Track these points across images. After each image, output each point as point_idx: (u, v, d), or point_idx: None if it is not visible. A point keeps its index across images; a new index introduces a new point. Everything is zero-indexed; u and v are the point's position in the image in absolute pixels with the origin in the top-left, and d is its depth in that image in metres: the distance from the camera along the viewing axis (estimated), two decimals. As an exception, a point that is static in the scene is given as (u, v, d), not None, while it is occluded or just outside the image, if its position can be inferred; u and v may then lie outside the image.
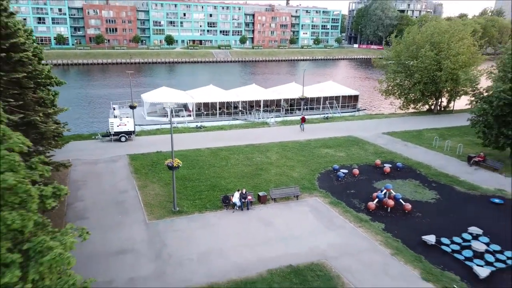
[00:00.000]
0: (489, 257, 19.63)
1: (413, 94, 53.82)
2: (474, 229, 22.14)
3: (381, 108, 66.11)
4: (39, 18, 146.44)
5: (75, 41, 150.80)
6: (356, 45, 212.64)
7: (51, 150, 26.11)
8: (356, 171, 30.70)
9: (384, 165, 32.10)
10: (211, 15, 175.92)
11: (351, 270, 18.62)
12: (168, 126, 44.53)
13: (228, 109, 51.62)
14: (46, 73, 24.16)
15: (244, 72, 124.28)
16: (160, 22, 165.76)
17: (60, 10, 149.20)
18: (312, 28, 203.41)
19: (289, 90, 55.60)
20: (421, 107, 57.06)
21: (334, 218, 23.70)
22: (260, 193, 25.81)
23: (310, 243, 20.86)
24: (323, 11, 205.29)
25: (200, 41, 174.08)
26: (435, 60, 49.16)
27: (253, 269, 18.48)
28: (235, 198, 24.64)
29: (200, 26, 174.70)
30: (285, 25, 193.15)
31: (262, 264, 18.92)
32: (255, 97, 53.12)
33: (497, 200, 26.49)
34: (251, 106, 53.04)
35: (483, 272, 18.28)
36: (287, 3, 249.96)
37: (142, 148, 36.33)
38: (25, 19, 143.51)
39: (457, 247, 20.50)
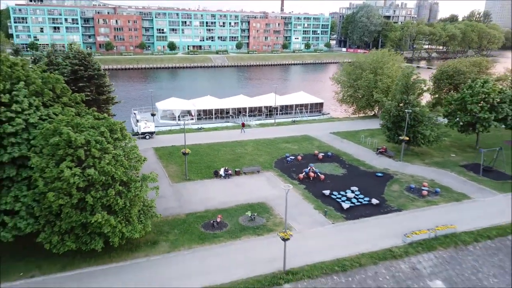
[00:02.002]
0: (354, 200, 37.15)
1: (361, 103, 71.18)
2: (354, 188, 39.63)
3: (344, 112, 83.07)
4: (55, 28, 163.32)
5: (87, 47, 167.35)
6: (344, 49, 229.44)
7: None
8: (299, 157, 48.14)
9: (319, 154, 49.47)
10: (209, 23, 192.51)
11: (278, 205, 35.97)
12: (176, 127, 62.29)
13: (222, 114, 68.93)
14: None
15: (243, 77, 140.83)
16: (163, 30, 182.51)
17: (73, 19, 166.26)
18: (303, 33, 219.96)
19: (269, 99, 72.88)
20: (368, 112, 74.54)
21: (278, 183, 41.16)
22: (237, 169, 43.24)
23: (260, 194, 38.33)
24: (314, 17, 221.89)
25: (200, 46, 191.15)
26: (373, 80, 66.55)
27: (228, 204, 35.96)
28: (221, 172, 42.09)
29: (200, 32, 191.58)
30: (278, 31, 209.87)
31: (233, 202, 36.38)
32: (242, 104, 70.58)
33: (379, 174, 43.96)
34: (239, 111, 70.32)
35: (345, 205, 35.76)
36: (282, 9, 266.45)
37: (161, 143, 53.64)
38: (42, 29, 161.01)
39: (340, 196, 37.97)
